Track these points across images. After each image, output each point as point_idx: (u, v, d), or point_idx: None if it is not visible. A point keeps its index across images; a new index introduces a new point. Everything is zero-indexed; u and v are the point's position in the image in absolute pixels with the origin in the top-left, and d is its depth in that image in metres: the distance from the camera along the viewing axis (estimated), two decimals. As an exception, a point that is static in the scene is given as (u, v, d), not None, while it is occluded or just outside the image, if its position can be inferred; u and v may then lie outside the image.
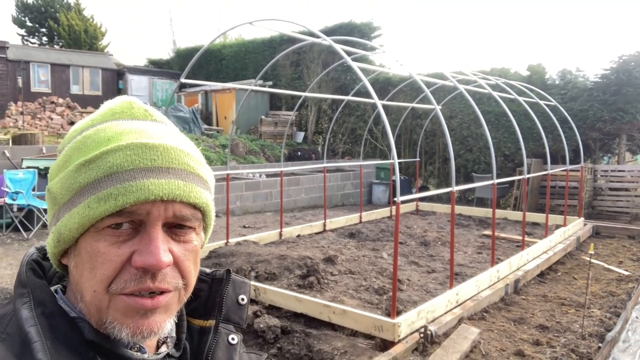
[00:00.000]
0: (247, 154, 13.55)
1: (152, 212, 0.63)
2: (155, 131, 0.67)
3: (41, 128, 14.31)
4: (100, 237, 0.63)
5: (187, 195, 0.65)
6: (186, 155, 0.67)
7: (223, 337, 0.79)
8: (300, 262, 5.35)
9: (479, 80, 7.14)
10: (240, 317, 0.82)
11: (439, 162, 13.16)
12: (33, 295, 0.64)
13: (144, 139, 0.64)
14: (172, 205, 0.64)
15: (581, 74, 11.39)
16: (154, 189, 0.62)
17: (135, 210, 0.62)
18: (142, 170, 0.62)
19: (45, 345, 0.59)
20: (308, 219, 9.31)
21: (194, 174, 0.67)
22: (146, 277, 0.63)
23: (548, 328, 4.35)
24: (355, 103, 13.82)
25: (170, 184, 0.63)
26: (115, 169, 0.62)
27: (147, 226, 0.63)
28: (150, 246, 0.62)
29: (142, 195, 0.61)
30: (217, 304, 0.79)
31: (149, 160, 0.63)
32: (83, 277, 0.64)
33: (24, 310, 0.63)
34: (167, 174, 0.64)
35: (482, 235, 7.93)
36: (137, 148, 0.63)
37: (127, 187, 0.61)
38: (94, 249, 0.63)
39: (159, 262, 0.62)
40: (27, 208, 7.42)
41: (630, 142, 11.09)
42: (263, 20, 5.30)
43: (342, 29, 15.19)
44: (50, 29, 25.47)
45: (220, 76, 18.84)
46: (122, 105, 0.69)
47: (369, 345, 3.84)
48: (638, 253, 7.10)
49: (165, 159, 0.64)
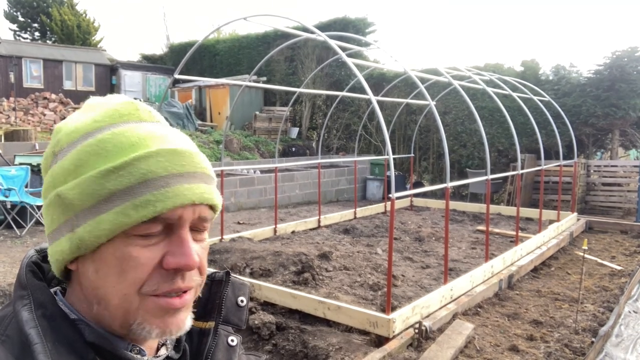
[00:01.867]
0: (242, 150, 13.52)
1: (183, 216, 0.65)
2: (172, 136, 0.69)
3: (34, 124, 14.21)
4: (130, 242, 0.63)
5: (211, 198, 0.68)
6: (203, 159, 0.70)
7: (222, 339, 0.79)
8: (295, 259, 5.35)
9: (473, 76, 7.14)
10: (239, 318, 0.82)
11: (433, 157, 13.18)
12: (33, 297, 0.65)
13: (170, 145, 0.67)
14: (200, 208, 0.67)
15: (574, 70, 11.43)
16: (188, 194, 0.65)
17: (169, 216, 0.64)
18: (175, 176, 0.65)
19: (47, 347, 0.60)
20: (302, 215, 9.31)
21: (210, 176, 0.70)
22: (177, 277, 0.65)
23: (542, 323, 4.38)
24: (350, 99, 13.81)
25: (200, 188, 0.67)
26: (150, 175, 0.63)
27: (178, 229, 0.66)
28: (183, 248, 0.65)
29: (178, 201, 0.64)
30: (216, 306, 0.80)
31: (179, 166, 0.65)
32: (108, 281, 0.64)
33: (24, 312, 0.63)
34: (194, 178, 0.67)
35: (476, 231, 7.96)
36: (167, 154, 0.65)
37: (163, 193, 0.63)
38: (124, 253, 0.63)
39: (193, 263, 0.65)
40: (19, 205, 7.37)
41: (623, 137, 11.15)
42: (257, 15, 5.28)
43: (337, 24, 15.15)
44: (43, 24, 25.29)
45: (214, 72, 18.77)
46: (127, 106, 0.69)
47: (364, 341, 3.85)
48: (631, 248, 7.15)
49: (191, 164, 0.67)
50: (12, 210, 7.44)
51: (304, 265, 5.15)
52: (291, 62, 16.12)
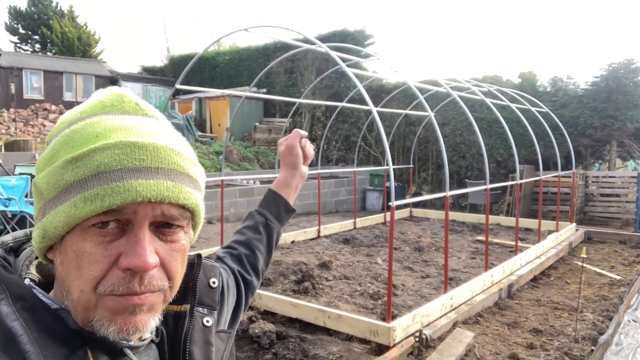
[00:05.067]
0: (241, 161, 13.56)
1: (139, 212, 0.62)
2: (145, 128, 0.65)
3: (34, 135, 14.26)
4: (86, 237, 0.62)
5: (175, 196, 0.64)
6: (176, 155, 0.66)
7: (198, 320, 0.81)
8: (295, 268, 5.36)
9: (471, 87, 7.21)
10: (212, 299, 0.84)
11: (432, 168, 13.22)
12: (9, 291, 0.63)
13: (133, 138, 0.63)
14: (160, 205, 0.63)
15: (572, 82, 11.52)
16: (141, 190, 0.61)
17: (121, 210, 0.61)
18: (130, 170, 0.61)
19: (32, 337, 0.59)
20: (302, 226, 9.32)
21: (183, 173, 0.66)
22: (134, 279, 0.62)
23: (542, 332, 4.38)
24: (349, 110, 13.88)
25: (159, 185, 0.62)
26: (102, 168, 0.60)
27: (134, 226, 0.63)
28: (137, 247, 0.62)
29: (130, 197, 0.60)
30: (190, 289, 0.81)
31: (137, 160, 0.62)
32: (70, 275, 0.63)
33: (3, 307, 0.61)
34: (155, 174, 0.62)
35: (476, 241, 7.97)
36: (125, 147, 0.62)
37: (114, 187, 0.60)
38: (80, 248, 0.62)
39: (145, 264, 0.61)
40: (19, 215, 7.37)
41: (620, 148, 11.21)
42: (258, 26, 5.34)
43: (336, 36, 15.28)
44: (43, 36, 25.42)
45: (214, 83, 18.86)
46: (112, 97, 0.68)
47: (365, 349, 3.85)
48: (629, 258, 7.17)
49: (154, 158, 0.63)
50: (12, 219, 7.44)
51: (304, 275, 5.16)
52: (291, 73, 16.23)
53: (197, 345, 0.78)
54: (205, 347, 0.79)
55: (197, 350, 0.78)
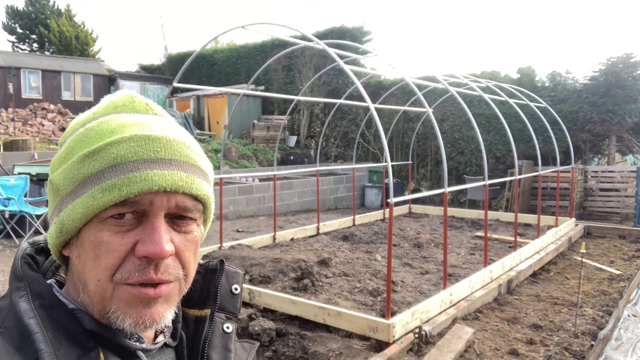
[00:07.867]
0: (240, 159, 13.55)
1: (155, 202, 0.64)
2: (157, 124, 0.68)
3: (32, 134, 14.23)
4: (103, 227, 0.64)
5: (189, 186, 0.66)
6: (187, 148, 0.68)
7: (218, 326, 0.81)
8: (295, 265, 5.36)
9: (470, 83, 7.19)
10: (234, 306, 0.84)
11: (431, 164, 13.22)
12: (30, 288, 0.65)
13: (147, 131, 0.66)
14: (175, 196, 0.65)
15: (570, 76, 11.51)
16: (157, 179, 0.63)
17: (138, 200, 0.63)
18: (146, 161, 0.64)
19: (47, 336, 0.60)
20: (301, 223, 9.31)
21: (195, 166, 0.68)
22: (149, 267, 0.64)
23: (541, 327, 4.38)
24: (347, 107, 13.86)
25: (173, 175, 0.64)
26: (119, 159, 0.63)
27: (150, 216, 0.65)
28: (154, 235, 0.64)
29: (146, 186, 0.62)
30: (211, 294, 0.81)
31: (152, 151, 0.64)
32: (87, 266, 0.64)
33: (22, 303, 0.63)
34: (169, 165, 0.65)
35: (475, 237, 7.97)
36: (140, 140, 0.64)
37: (130, 177, 0.62)
38: (97, 238, 0.64)
39: (162, 251, 0.63)
40: (19, 214, 7.37)
41: (619, 143, 11.21)
42: (256, 24, 5.32)
43: (334, 33, 15.25)
44: (41, 36, 25.39)
45: (212, 81, 18.83)
46: (123, 99, 0.71)
47: (364, 346, 3.85)
48: (629, 252, 7.17)
49: (167, 150, 0.65)
50: (11, 219, 7.44)
51: (303, 272, 5.15)
52: (289, 71, 16.21)
53: (215, 351, 0.79)
54: (224, 353, 0.80)
55: (215, 355, 0.79)
